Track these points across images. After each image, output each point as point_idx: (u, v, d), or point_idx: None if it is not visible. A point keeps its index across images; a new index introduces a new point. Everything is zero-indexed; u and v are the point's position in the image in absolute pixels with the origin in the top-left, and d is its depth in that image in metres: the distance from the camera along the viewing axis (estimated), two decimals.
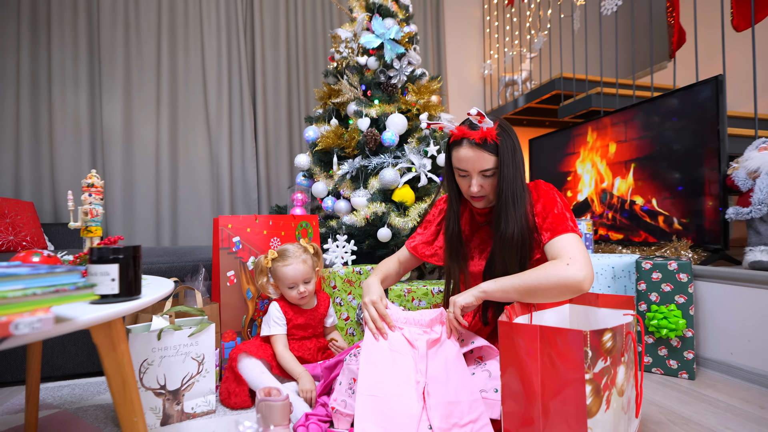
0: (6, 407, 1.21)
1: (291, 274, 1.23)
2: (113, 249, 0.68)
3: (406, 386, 0.92)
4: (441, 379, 0.93)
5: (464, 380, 0.93)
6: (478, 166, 1.00)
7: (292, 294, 1.26)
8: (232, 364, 1.19)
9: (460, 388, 0.92)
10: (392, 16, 1.94)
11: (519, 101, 3.00)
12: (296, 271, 1.24)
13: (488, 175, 1.02)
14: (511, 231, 0.99)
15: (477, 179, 1.02)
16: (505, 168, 0.99)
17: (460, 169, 1.03)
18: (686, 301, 1.35)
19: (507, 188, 0.99)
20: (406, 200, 1.68)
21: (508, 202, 0.99)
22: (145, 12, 2.45)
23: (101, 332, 0.70)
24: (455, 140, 1.03)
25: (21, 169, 2.19)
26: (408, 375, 0.93)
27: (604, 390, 0.73)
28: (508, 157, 0.99)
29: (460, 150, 1.02)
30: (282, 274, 1.24)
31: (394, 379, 0.92)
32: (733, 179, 1.44)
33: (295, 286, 1.25)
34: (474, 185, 1.02)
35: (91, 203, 0.92)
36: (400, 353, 0.97)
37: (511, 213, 0.99)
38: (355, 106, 1.85)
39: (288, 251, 1.27)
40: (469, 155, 1.00)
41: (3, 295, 0.43)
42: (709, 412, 1.12)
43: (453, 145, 1.04)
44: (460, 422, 0.88)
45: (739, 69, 2.34)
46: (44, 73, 2.27)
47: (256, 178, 2.62)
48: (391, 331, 1.02)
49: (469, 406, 0.90)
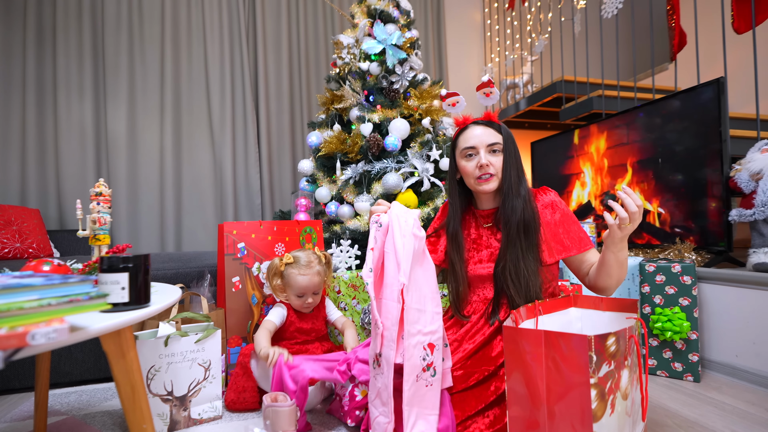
0: (15, 414, 1.22)
1: (304, 284, 1.25)
2: (123, 258, 0.69)
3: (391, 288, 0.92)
4: (416, 284, 0.94)
5: (433, 291, 0.96)
6: (485, 140, 1.08)
7: (298, 302, 1.27)
8: (245, 360, 1.20)
9: (428, 297, 0.94)
10: (394, 22, 1.95)
11: (520, 104, 3.01)
12: (309, 282, 1.25)
13: (495, 151, 1.08)
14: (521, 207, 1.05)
15: (485, 153, 1.07)
16: (507, 147, 1.08)
17: (468, 148, 1.09)
18: (690, 304, 1.35)
19: (510, 166, 1.07)
20: (410, 205, 1.69)
21: (512, 180, 1.06)
22: (148, 20, 2.48)
23: (111, 340, 0.71)
24: (461, 128, 1.13)
25: (27, 177, 2.21)
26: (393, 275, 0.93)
27: (608, 394, 0.73)
28: (509, 140, 1.09)
29: (467, 131, 1.11)
30: (294, 282, 1.25)
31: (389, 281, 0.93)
32: (736, 181, 1.45)
33: (304, 295, 1.26)
34: (483, 158, 1.07)
35: (99, 212, 0.93)
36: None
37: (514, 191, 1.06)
38: (357, 111, 1.86)
39: (304, 259, 1.28)
40: (477, 131, 1.09)
41: (19, 305, 0.44)
42: (715, 415, 1.12)
43: (459, 133, 1.13)
44: (424, 330, 0.91)
45: (740, 71, 2.34)
46: (50, 81, 2.29)
47: (260, 183, 2.64)
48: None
49: (431, 317, 0.93)
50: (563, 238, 1.08)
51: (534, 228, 1.06)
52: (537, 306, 0.95)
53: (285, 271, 1.28)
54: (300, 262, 1.27)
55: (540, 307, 0.96)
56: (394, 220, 0.95)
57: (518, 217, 1.04)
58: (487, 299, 1.10)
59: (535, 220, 1.06)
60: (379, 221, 0.96)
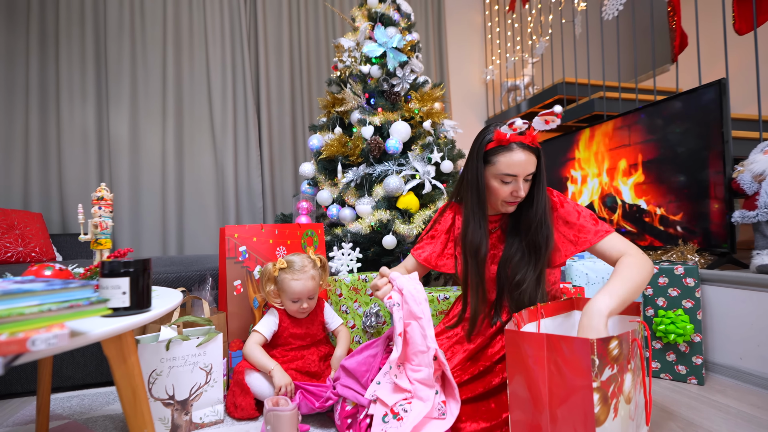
0: (17, 418, 1.22)
1: (298, 289, 1.23)
2: (124, 263, 0.69)
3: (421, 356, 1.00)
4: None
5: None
6: (528, 169, 1.01)
7: (294, 308, 1.26)
8: (239, 378, 1.19)
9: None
10: (394, 25, 1.96)
11: (521, 106, 3.01)
12: (303, 287, 1.24)
13: (528, 179, 1.04)
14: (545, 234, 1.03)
15: (522, 183, 1.02)
16: (543, 169, 1.04)
17: (509, 174, 1.01)
18: (694, 306, 1.34)
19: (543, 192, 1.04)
20: (411, 207, 1.69)
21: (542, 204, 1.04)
22: (150, 25, 2.49)
23: (112, 345, 0.71)
24: (502, 145, 1.01)
25: (30, 181, 2.22)
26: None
27: (611, 398, 0.73)
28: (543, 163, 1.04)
29: (512, 155, 0.99)
30: (288, 287, 1.24)
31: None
32: (739, 182, 1.44)
33: (299, 300, 1.25)
34: (521, 189, 1.02)
35: (101, 216, 0.93)
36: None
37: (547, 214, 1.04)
38: (358, 114, 1.86)
39: (298, 264, 1.27)
40: (522, 159, 0.99)
41: (20, 311, 0.44)
42: (720, 418, 1.11)
43: (499, 150, 1.01)
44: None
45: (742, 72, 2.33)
46: (52, 86, 2.30)
47: (261, 186, 2.64)
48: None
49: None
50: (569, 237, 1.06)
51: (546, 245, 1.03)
52: (539, 309, 0.95)
53: (279, 276, 1.26)
54: (294, 267, 1.25)
55: (542, 310, 0.96)
56: (407, 294, 1.01)
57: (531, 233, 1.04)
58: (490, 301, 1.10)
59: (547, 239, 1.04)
60: (396, 302, 1.01)
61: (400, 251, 1.71)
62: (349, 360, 1.08)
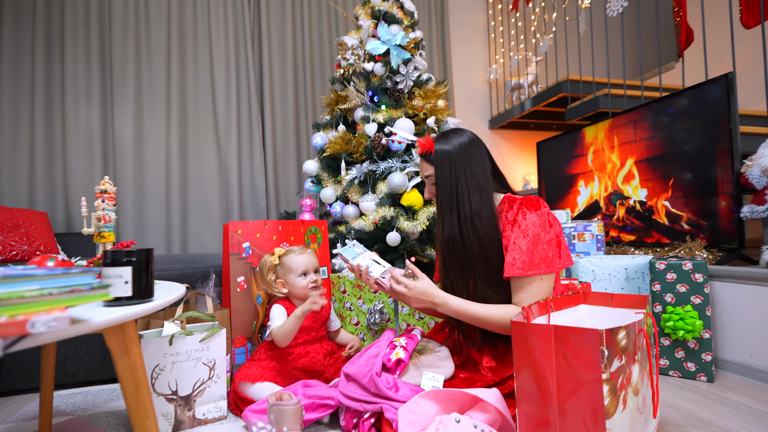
0: (21, 414, 1.22)
1: (303, 261, 1.29)
2: (126, 252, 0.68)
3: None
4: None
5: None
6: (423, 173, 1.14)
7: (303, 283, 1.27)
8: (235, 389, 1.18)
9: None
10: (398, 23, 1.95)
11: (525, 105, 3.00)
12: (308, 260, 1.30)
13: (433, 183, 1.11)
14: (447, 234, 1.05)
15: (428, 185, 1.14)
16: (439, 175, 1.08)
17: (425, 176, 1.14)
18: (703, 302, 1.32)
19: (441, 194, 1.07)
20: (415, 204, 1.68)
21: (443, 206, 1.07)
22: (155, 25, 2.50)
23: (114, 336, 0.70)
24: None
25: (35, 180, 2.23)
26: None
27: (620, 389, 0.71)
28: (442, 165, 1.07)
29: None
30: (294, 263, 1.28)
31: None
32: (747, 177, 1.42)
33: (307, 274, 1.28)
34: (426, 192, 1.15)
35: (104, 209, 0.93)
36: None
37: (446, 217, 1.06)
38: (362, 111, 1.86)
39: (296, 247, 1.35)
40: (419, 165, 1.17)
41: (20, 294, 0.44)
42: (730, 415, 1.09)
43: None
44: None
45: (750, 67, 2.31)
46: (58, 86, 2.31)
47: (265, 185, 2.64)
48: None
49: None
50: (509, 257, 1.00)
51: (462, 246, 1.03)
52: (549, 302, 0.93)
53: (282, 260, 1.30)
54: (294, 250, 1.33)
55: (552, 304, 0.94)
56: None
57: (444, 235, 1.06)
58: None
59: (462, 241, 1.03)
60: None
61: (404, 248, 1.70)
62: (349, 366, 1.06)
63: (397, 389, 0.94)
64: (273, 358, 1.24)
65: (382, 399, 0.94)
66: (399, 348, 1.03)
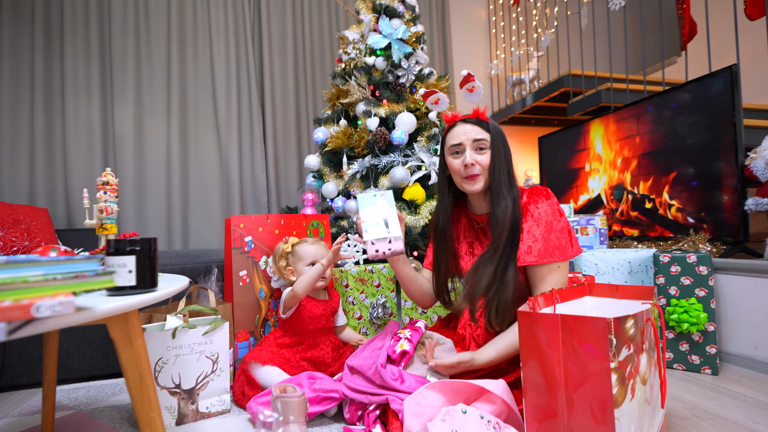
0: (23, 408, 1.21)
1: (312, 251, 1.32)
2: (130, 241, 0.68)
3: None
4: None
5: None
6: (471, 135, 1.04)
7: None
8: (245, 368, 1.19)
9: None
10: (399, 17, 1.94)
11: (527, 100, 2.99)
12: (318, 250, 1.33)
13: (482, 148, 1.04)
14: (503, 208, 1.00)
15: (471, 151, 1.04)
16: (499, 143, 1.04)
17: (455, 145, 1.06)
18: (707, 295, 1.32)
19: (501, 164, 1.02)
20: (417, 198, 1.67)
21: (504, 177, 1.02)
22: (155, 21, 2.49)
23: (118, 327, 0.70)
24: (450, 125, 1.11)
25: (35, 176, 2.22)
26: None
27: (629, 378, 0.71)
28: (497, 140, 1.04)
29: (455, 128, 1.08)
30: (304, 252, 1.32)
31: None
32: (752, 169, 1.42)
33: (315, 263, 1.29)
34: (468, 157, 1.03)
35: (106, 201, 0.92)
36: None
37: (506, 191, 1.01)
38: (363, 106, 1.85)
39: (308, 238, 1.39)
40: (465, 128, 1.06)
41: (24, 279, 0.43)
42: (736, 407, 1.08)
43: (448, 130, 1.10)
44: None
45: (754, 60, 2.29)
46: (57, 82, 2.30)
47: (266, 181, 2.63)
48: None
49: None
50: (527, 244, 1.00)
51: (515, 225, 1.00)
52: (554, 294, 0.93)
53: (294, 248, 1.33)
54: (307, 240, 1.37)
55: (557, 295, 0.94)
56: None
57: (508, 218, 0.99)
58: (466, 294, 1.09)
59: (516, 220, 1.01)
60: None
61: (407, 242, 1.69)
62: (353, 359, 1.05)
63: (402, 380, 0.94)
64: (283, 347, 1.24)
65: (388, 390, 0.93)
66: (404, 340, 1.03)
